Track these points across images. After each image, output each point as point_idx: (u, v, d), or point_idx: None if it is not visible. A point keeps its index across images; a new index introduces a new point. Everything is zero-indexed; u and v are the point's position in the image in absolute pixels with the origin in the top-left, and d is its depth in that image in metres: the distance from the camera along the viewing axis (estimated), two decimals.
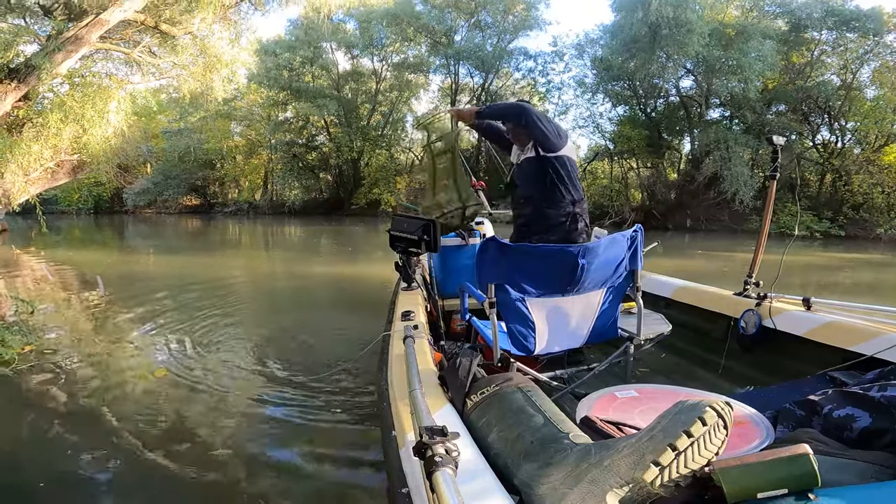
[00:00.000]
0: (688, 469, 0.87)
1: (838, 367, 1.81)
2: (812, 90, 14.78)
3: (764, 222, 2.43)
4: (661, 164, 17.82)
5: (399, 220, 2.44)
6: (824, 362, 1.89)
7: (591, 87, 18.14)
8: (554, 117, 20.22)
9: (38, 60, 7.47)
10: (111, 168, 12.33)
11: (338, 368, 2.83)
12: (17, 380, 2.71)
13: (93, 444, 2.05)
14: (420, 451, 0.86)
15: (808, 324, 2.04)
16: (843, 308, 2.07)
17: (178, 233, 14.72)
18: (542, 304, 1.73)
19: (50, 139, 8.81)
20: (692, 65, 15.45)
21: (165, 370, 2.88)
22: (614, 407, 1.41)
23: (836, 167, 15.07)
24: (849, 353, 1.83)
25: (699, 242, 12.33)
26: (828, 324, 1.97)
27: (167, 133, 22.00)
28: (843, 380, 1.65)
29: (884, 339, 1.73)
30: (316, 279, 6.58)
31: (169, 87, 12.78)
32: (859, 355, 1.78)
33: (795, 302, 2.21)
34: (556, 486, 0.93)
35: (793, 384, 1.76)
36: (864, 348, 1.78)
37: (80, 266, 7.42)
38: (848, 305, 2.07)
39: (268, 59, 18.57)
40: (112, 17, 7.86)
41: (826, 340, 1.94)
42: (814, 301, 2.14)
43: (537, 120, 2.26)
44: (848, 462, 1.03)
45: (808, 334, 2.01)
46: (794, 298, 2.24)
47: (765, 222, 2.43)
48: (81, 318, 4.14)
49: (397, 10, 18.54)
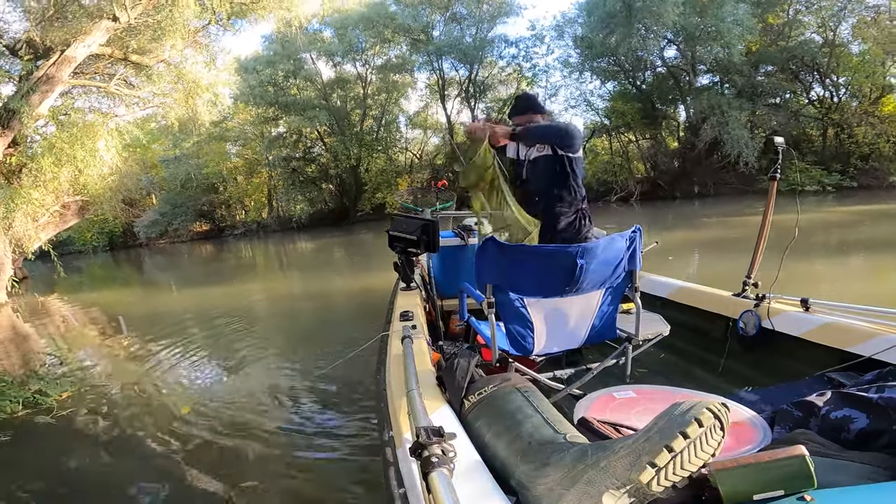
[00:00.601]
0: (684, 471, 0.87)
1: (836, 368, 1.81)
2: (795, 49, 14.83)
3: (763, 223, 2.42)
4: (659, 135, 17.85)
5: (398, 220, 2.44)
6: (822, 363, 1.89)
7: (577, 67, 18.19)
8: (544, 101, 20.15)
9: (16, 104, 7.42)
10: (116, 204, 12.42)
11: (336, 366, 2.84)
12: (59, 426, 2.83)
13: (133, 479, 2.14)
14: (417, 452, 0.86)
15: (806, 324, 2.04)
16: (841, 309, 2.07)
17: (193, 261, 14.67)
18: (541, 305, 1.73)
19: (49, 184, 8.84)
20: (672, 34, 15.51)
21: (189, 407, 2.97)
22: (612, 408, 1.41)
23: (837, 121, 15.00)
24: (847, 354, 1.83)
25: (710, 209, 12.12)
26: (826, 325, 1.97)
27: (165, 161, 21.81)
28: (841, 381, 1.65)
29: (882, 340, 1.73)
30: (333, 295, 6.55)
31: (156, 115, 12.80)
32: (857, 356, 1.78)
33: (794, 303, 2.21)
34: (552, 487, 0.93)
35: (790, 385, 1.76)
36: (862, 349, 1.78)
37: (103, 307, 7.43)
38: (846, 306, 2.07)
39: (249, 76, 18.36)
40: (77, 53, 7.80)
41: (824, 341, 1.94)
42: (812, 302, 2.14)
43: (579, 138, 2.34)
44: (844, 463, 1.03)
45: (807, 335, 2.01)
46: (792, 299, 2.24)
47: (764, 223, 2.42)
48: (109, 360, 4.25)
49: (371, 13, 18.40)
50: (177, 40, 8.94)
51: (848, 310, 2.04)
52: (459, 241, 3.15)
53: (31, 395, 3.13)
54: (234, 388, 3.12)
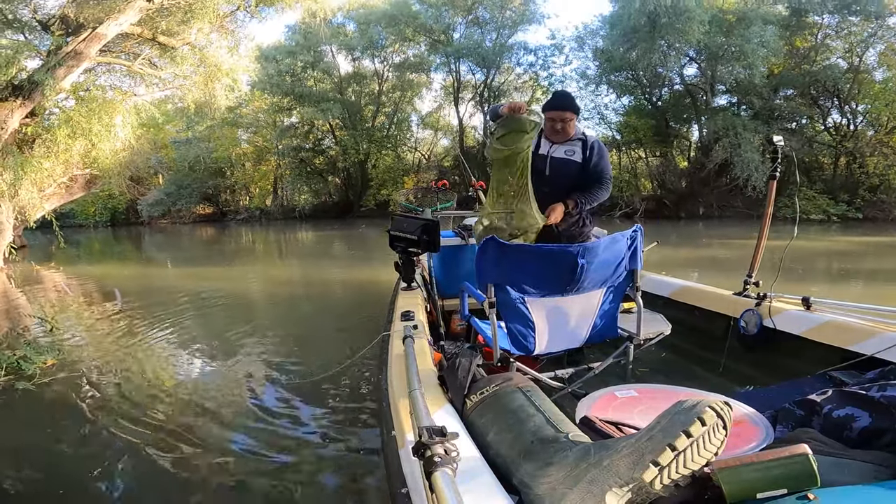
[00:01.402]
0: (687, 469, 0.87)
1: (838, 366, 1.81)
2: (819, 74, 14.64)
3: (763, 223, 2.43)
4: (669, 153, 17.72)
5: (399, 219, 2.44)
6: (824, 362, 1.89)
7: (594, 79, 18.10)
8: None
9: (40, 76, 7.53)
10: (123, 181, 12.56)
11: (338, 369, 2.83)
12: (40, 393, 2.80)
13: (108, 453, 2.11)
14: (419, 452, 0.86)
15: (807, 323, 2.04)
16: (842, 308, 2.07)
17: (194, 242, 14.68)
18: (542, 304, 1.73)
19: (60, 155, 8.93)
20: (695, 52, 15.39)
21: (177, 380, 2.96)
22: (614, 407, 1.41)
23: (850, 150, 14.87)
24: (848, 352, 1.83)
25: (714, 230, 12.15)
26: (827, 323, 1.97)
27: (176, 143, 21.97)
28: (843, 379, 1.65)
29: (883, 338, 1.73)
30: (331, 285, 6.56)
31: (173, 97, 12.88)
32: (859, 355, 1.78)
33: (795, 301, 2.21)
34: (555, 486, 0.93)
35: (792, 384, 1.75)
36: (863, 348, 1.78)
37: (98, 279, 7.44)
38: (847, 305, 2.07)
39: (269, 65, 18.49)
40: (109, 31, 7.91)
41: (826, 340, 1.94)
42: (813, 301, 2.14)
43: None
44: (847, 462, 1.03)
45: (808, 334, 2.01)
46: (793, 298, 2.24)
47: (764, 223, 2.42)
48: (100, 331, 4.21)
49: (394, 10, 18.52)
50: (205, 24, 9.01)
51: (849, 308, 2.04)
52: (460, 240, 3.15)
53: (15, 360, 3.07)
54: (223, 374, 3.07)
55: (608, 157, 2.47)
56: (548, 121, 2.36)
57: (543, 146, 2.44)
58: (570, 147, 2.41)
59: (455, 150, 21.03)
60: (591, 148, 2.40)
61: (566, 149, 2.41)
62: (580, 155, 2.39)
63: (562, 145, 2.42)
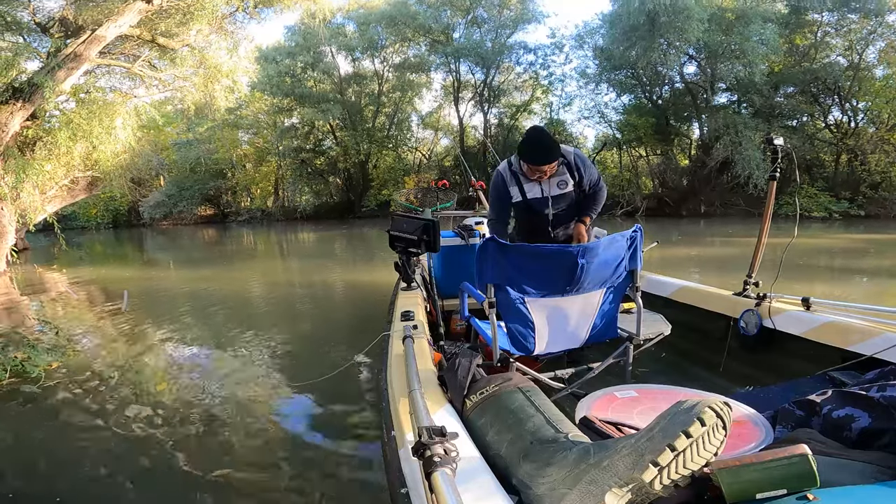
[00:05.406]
0: (687, 469, 0.87)
1: (838, 367, 1.81)
2: (819, 72, 14.66)
3: (763, 223, 2.42)
4: (670, 151, 17.74)
5: (399, 219, 2.44)
6: (824, 362, 1.89)
7: (594, 78, 18.13)
8: (558, 109, 20.32)
9: (40, 79, 7.52)
10: (125, 182, 12.60)
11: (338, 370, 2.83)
12: (44, 395, 2.80)
13: (112, 455, 2.13)
14: (419, 452, 0.86)
15: (807, 324, 2.03)
16: (842, 308, 2.07)
17: (196, 244, 14.69)
18: (542, 305, 1.73)
19: (61, 157, 8.96)
20: (694, 51, 15.39)
21: (180, 382, 2.96)
22: (613, 407, 1.41)
23: (851, 147, 14.85)
24: (848, 353, 1.82)
25: (716, 228, 12.14)
26: (827, 324, 1.97)
27: (177, 145, 22.02)
28: (843, 380, 1.65)
29: (883, 338, 1.73)
30: (332, 285, 6.56)
31: (173, 98, 12.92)
32: (859, 355, 1.78)
33: (795, 302, 2.21)
34: (554, 486, 0.93)
35: (792, 384, 1.75)
36: (863, 348, 1.78)
37: (101, 282, 7.44)
38: (847, 305, 2.07)
39: (269, 66, 18.52)
40: (108, 33, 7.90)
41: (825, 340, 1.94)
42: (813, 301, 2.13)
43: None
44: (847, 462, 1.03)
45: (808, 334, 2.01)
46: (793, 298, 2.24)
47: (764, 223, 2.42)
48: (103, 333, 4.22)
49: (393, 11, 18.57)
50: (204, 25, 9.03)
51: (849, 309, 2.04)
52: (460, 240, 3.15)
53: (20, 363, 3.07)
54: (225, 375, 3.08)
55: (588, 159, 2.44)
56: (531, 171, 2.27)
57: (534, 189, 2.36)
58: (560, 179, 2.36)
59: (455, 150, 21.05)
60: (575, 166, 2.35)
61: (558, 181, 2.36)
62: (571, 180, 2.36)
63: (551, 179, 2.36)
